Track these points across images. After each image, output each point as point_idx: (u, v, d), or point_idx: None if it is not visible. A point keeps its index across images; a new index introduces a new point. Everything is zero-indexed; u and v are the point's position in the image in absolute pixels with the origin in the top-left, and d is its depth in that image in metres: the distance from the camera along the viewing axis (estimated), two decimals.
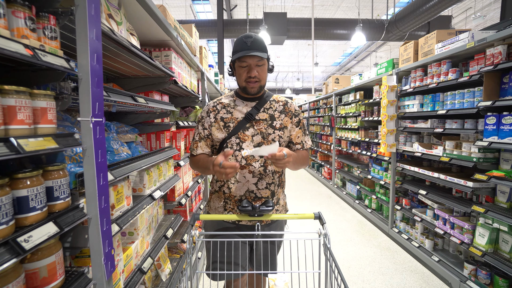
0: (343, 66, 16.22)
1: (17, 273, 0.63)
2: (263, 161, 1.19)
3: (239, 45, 1.12)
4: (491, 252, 1.90)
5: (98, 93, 0.82)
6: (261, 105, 1.22)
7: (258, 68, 1.14)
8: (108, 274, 0.86)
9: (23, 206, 0.65)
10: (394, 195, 3.11)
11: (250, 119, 1.19)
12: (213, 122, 1.21)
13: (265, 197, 1.22)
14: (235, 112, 1.21)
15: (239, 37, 1.15)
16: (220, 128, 1.20)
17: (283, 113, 1.25)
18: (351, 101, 4.42)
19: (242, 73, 1.16)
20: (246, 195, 1.20)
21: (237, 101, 1.25)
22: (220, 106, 1.24)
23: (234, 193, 1.20)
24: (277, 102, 1.27)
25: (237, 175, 1.19)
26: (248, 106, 1.22)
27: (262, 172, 1.19)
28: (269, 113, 1.23)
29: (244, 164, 1.18)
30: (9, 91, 0.61)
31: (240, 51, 1.11)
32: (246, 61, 1.12)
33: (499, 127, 1.77)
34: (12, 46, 0.57)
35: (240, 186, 1.19)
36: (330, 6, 9.10)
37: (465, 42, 2.11)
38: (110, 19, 1.02)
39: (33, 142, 0.62)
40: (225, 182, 1.22)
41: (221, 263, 1.18)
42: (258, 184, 1.20)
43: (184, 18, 9.26)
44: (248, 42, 1.11)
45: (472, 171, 2.01)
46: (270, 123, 1.21)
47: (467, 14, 8.72)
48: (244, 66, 1.14)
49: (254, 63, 1.13)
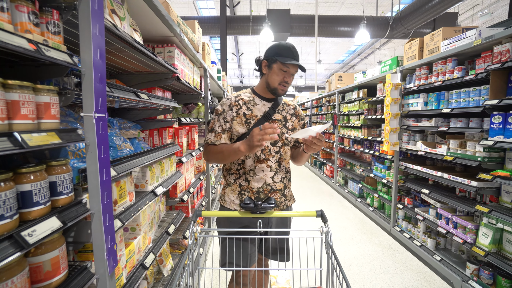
0: (347, 64, 16.09)
1: (21, 267, 0.63)
2: (278, 157, 1.31)
3: (287, 51, 1.22)
4: (494, 252, 1.88)
5: (101, 88, 0.82)
6: (276, 106, 1.33)
7: (292, 76, 1.27)
8: (110, 269, 0.87)
9: (27, 201, 0.65)
10: (396, 193, 3.10)
11: (268, 118, 1.29)
12: (235, 117, 1.27)
13: (280, 189, 1.33)
14: (255, 110, 1.30)
15: (286, 43, 1.25)
16: (241, 123, 1.27)
17: (293, 115, 1.39)
18: (354, 99, 4.38)
19: (280, 75, 1.25)
20: (263, 187, 1.29)
21: (256, 99, 1.33)
22: (242, 102, 1.30)
23: (252, 185, 1.28)
24: (288, 105, 1.40)
25: (256, 169, 1.29)
26: (265, 106, 1.32)
27: (277, 167, 1.31)
28: (283, 115, 1.35)
29: (263, 158, 1.28)
30: (13, 86, 0.61)
31: (288, 57, 1.22)
32: (289, 68, 1.23)
33: (505, 126, 1.75)
34: (15, 40, 0.57)
35: (258, 179, 1.28)
36: (334, 3, 9.00)
37: (471, 39, 2.08)
38: (113, 14, 1.02)
39: (37, 137, 0.62)
40: (241, 175, 1.30)
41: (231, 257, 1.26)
42: (274, 177, 1.31)
43: (187, 14, 9.21)
44: (295, 53, 1.23)
45: (477, 170, 1.99)
46: (284, 123, 1.34)
47: (474, 11, 8.58)
48: (285, 70, 1.24)
49: (293, 71, 1.25)
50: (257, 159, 1.28)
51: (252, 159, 1.28)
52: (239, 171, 1.32)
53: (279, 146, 1.31)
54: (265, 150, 1.28)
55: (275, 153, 1.30)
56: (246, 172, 1.29)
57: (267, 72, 1.29)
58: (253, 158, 1.28)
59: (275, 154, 1.30)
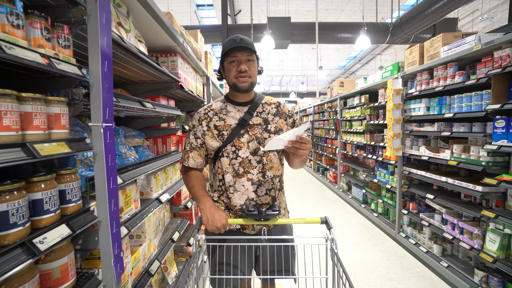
0: (348, 70, 16.18)
1: (32, 274, 0.65)
2: (261, 168, 1.16)
3: (228, 43, 1.10)
4: (502, 259, 1.85)
5: (108, 99, 0.85)
6: (253, 109, 1.17)
7: (248, 63, 1.11)
8: (117, 276, 0.88)
9: (38, 209, 0.67)
10: (400, 199, 3.07)
11: (244, 125, 1.14)
12: (206, 131, 1.16)
13: (266, 203, 1.18)
14: (228, 119, 1.16)
15: (228, 39, 1.13)
16: (214, 137, 1.15)
17: (277, 115, 1.21)
18: (356, 105, 4.40)
19: (231, 68, 1.11)
20: (246, 204, 1.16)
21: (228, 106, 1.19)
22: (212, 113, 1.18)
23: (234, 203, 1.16)
24: (270, 104, 1.22)
25: (236, 184, 1.15)
26: (240, 112, 1.17)
27: (260, 178, 1.16)
28: (262, 117, 1.18)
29: (242, 172, 1.14)
30: (26, 98, 0.63)
31: (229, 47, 1.08)
32: (236, 55, 1.09)
33: (508, 130, 1.75)
34: (29, 55, 0.60)
35: (240, 195, 1.15)
36: (334, 10, 9.12)
37: (471, 45, 2.10)
38: (119, 27, 1.05)
39: (48, 147, 0.65)
40: (223, 191, 1.19)
41: (222, 270, 1.16)
42: (258, 191, 1.17)
43: (189, 23, 9.40)
44: (237, 39, 1.09)
45: (481, 175, 1.98)
46: (265, 127, 1.17)
47: (473, 16, 8.64)
48: (233, 60, 1.10)
49: (244, 57, 1.10)
50: (236, 174, 1.15)
51: (231, 174, 1.15)
52: (221, 187, 1.19)
53: (260, 155, 1.16)
54: (243, 162, 1.14)
55: (256, 163, 1.15)
56: (226, 188, 1.16)
57: (225, 74, 1.17)
58: (231, 173, 1.15)
59: (257, 164, 1.15)
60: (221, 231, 1.09)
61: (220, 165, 1.17)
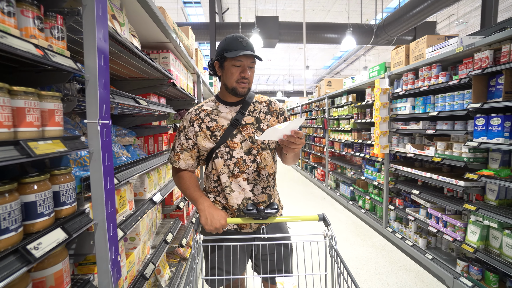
0: (333, 69, 16.52)
1: (25, 283, 0.60)
2: (256, 167, 1.16)
3: (234, 44, 1.07)
4: (482, 249, 1.96)
5: (105, 95, 0.80)
6: (245, 108, 1.17)
7: (250, 70, 1.12)
8: (114, 281, 0.84)
9: (31, 212, 0.62)
10: (387, 195, 3.18)
11: (237, 125, 1.14)
12: (198, 132, 1.14)
13: (263, 201, 1.19)
14: (220, 119, 1.15)
15: (231, 36, 1.10)
16: (207, 137, 1.14)
17: (268, 113, 1.20)
18: (344, 104, 4.49)
19: (234, 72, 1.10)
20: (243, 203, 1.16)
21: (220, 107, 1.17)
22: (203, 113, 1.16)
23: (232, 203, 1.16)
24: (261, 103, 1.22)
25: (232, 184, 1.14)
26: (232, 111, 1.17)
27: (256, 177, 1.16)
28: (254, 116, 1.18)
29: (237, 172, 1.14)
30: (18, 92, 0.58)
31: (235, 50, 1.06)
32: (242, 61, 1.08)
33: (487, 128, 1.85)
34: (23, 46, 0.55)
35: (236, 195, 1.15)
36: (321, 11, 9.27)
37: (454, 47, 2.20)
38: (114, 20, 1.00)
39: (43, 145, 0.60)
40: (220, 192, 1.18)
41: (219, 269, 1.16)
42: (254, 190, 1.17)
43: (176, 21, 9.19)
44: (244, 43, 1.07)
45: (463, 170, 2.09)
46: (257, 126, 1.17)
47: (450, 20, 9.10)
48: (238, 65, 1.09)
49: (249, 64, 1.10)
50: (231, 174, 1.14)
51: (226, 174, 1.15)
52: (217, 188, 1.19)
53: (254, 154, 1.15)
54: (238, 162, 1.14)
55: (251, 162, 1.15)
56: (223, 189, 1.16)
57: (221, 73, 1.15)
58: (227, 173, 1.15)
59: (252, 163, 1.15)
60: (220, 231, 1.07)
61: (214, 166, 1.16)
